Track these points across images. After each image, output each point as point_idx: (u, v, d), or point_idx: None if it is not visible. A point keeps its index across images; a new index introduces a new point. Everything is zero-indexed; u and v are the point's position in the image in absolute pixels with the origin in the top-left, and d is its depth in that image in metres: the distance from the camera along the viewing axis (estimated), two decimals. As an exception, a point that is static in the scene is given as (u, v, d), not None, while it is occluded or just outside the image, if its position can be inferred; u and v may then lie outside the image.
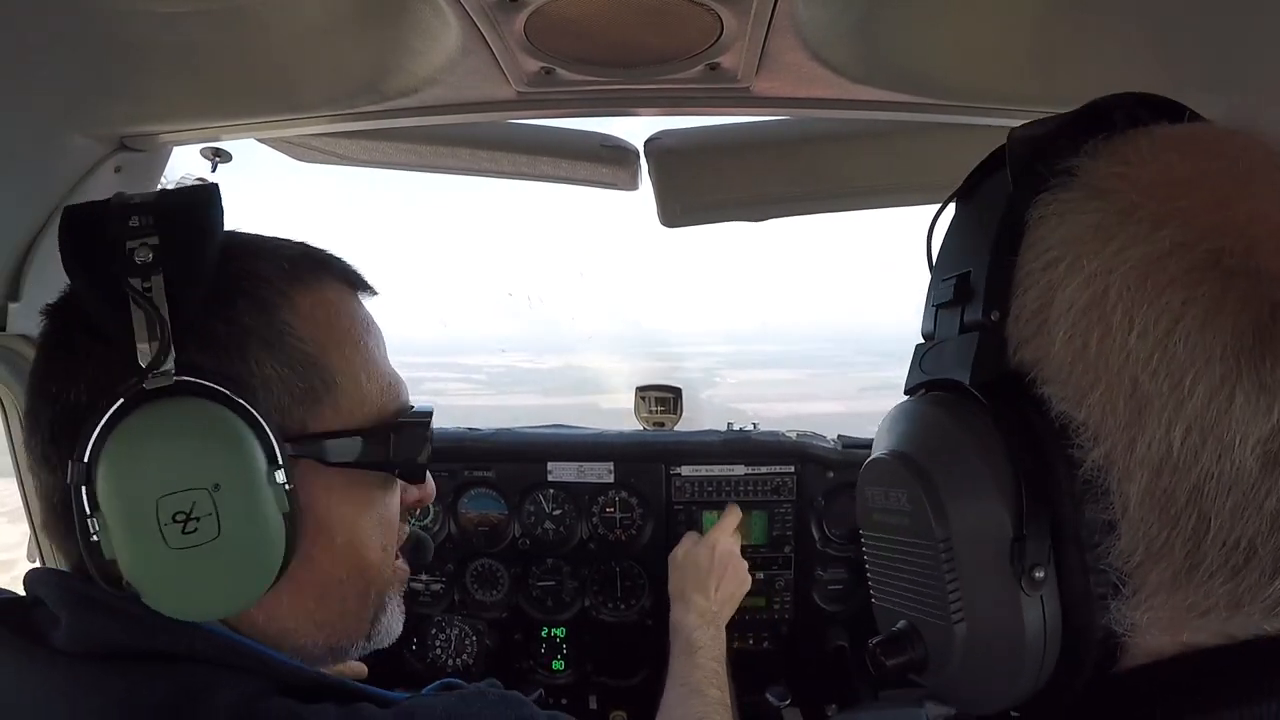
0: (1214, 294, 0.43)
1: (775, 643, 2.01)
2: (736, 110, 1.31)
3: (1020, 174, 0.53)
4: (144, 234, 0.63)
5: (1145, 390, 0.44)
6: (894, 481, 0.56)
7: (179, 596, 0.62)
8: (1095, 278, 0.46)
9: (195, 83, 1.15)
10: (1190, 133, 0.52)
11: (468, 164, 1.63)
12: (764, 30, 1.00)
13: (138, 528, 0.60)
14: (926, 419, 0.56)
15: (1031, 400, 0.49)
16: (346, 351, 0.72)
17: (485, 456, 2.01)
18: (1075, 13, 0.97)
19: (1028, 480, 0.48)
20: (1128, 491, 0.45)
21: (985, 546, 0.49)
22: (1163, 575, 0.45)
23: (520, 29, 0.99)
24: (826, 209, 1.80)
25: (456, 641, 2.01)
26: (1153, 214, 0.46)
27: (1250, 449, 0.41)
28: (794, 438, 2.00)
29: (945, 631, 0.53)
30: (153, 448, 0.61)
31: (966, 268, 0.56)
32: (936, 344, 0.58)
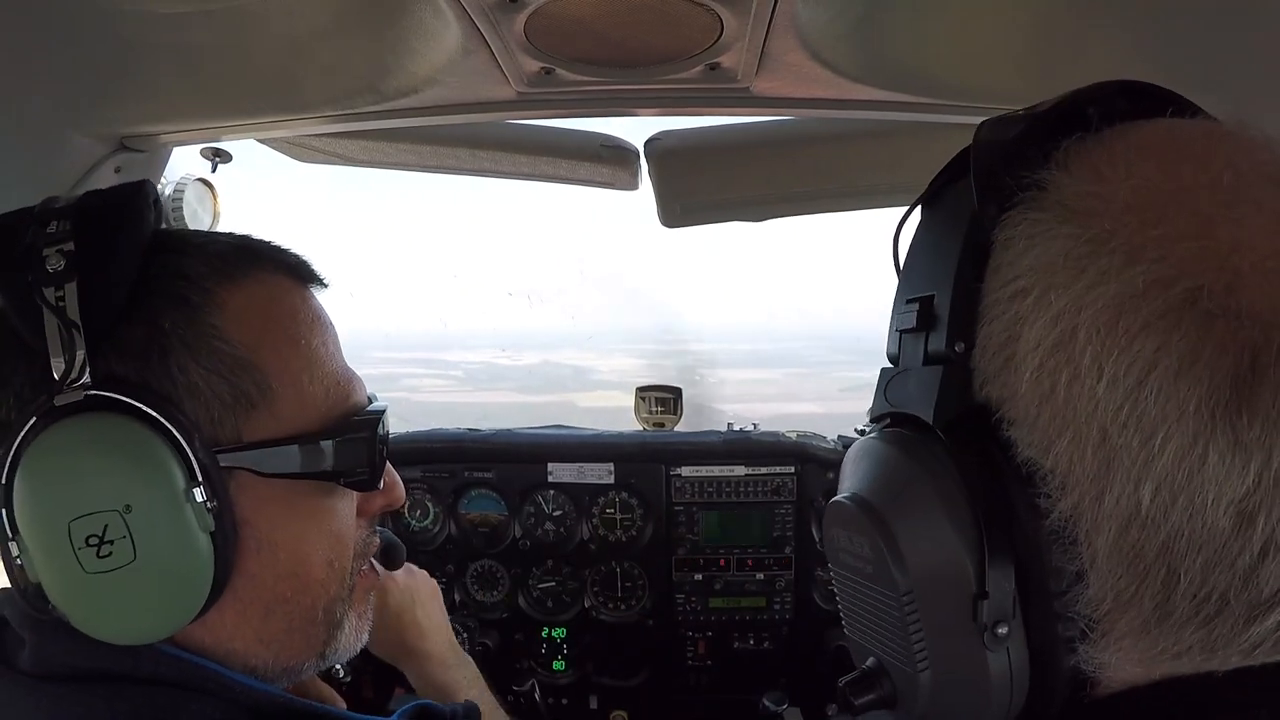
0: (1190, 341, 0.39)
1: (775, 643, 2.01)
2: (736, 110, 1.31)
3: (985, 187, 0.48)
4: (60, 239, 0.60)
5: (1114, 443, 0.41)
6: (856, 528, 0.53)
7: (104, 620, 0.60)
8: (1064, 315, 0.43)
9: (195, 83, 1.15)
10: (1170, 137, 0.47)
11: (468, 164, 1.63)
12: (764, 30, 1.00)
13: (53, 552, 0.58)
14: (888, 461, 0.53)
15: (998, 443, 0.46)
16: (284, 352, 0.67)
17: (485, 457, 2.01)
18: (1075, 12, 0.97)
19: (989, 532, 0.45)
20: (1096, 543, 0.43)
21: (948, 598, 0.47)
22: (1132, 622, 0.44)
23: (520, 29, 0.99)
24: (827, 209, 1.80)
25: None
26: (1127, 244, 0.42)
27: (1223, 509, 0.39)
28: (794, 438, 2.00)
29: (911, 677, 0.51)
30: (60, 468, 0.58)
31: (930, 290, 0.52)
32: (901, 373, 0.55)
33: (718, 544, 1.98)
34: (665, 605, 2.00)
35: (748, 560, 1.97)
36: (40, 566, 0.59)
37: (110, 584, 0.58)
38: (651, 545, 1.99)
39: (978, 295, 0.48)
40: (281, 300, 0.69)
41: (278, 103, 1.25)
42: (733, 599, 1.99)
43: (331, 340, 0.72)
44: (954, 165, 0.54)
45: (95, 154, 1.24)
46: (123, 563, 0.58)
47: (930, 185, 0.56)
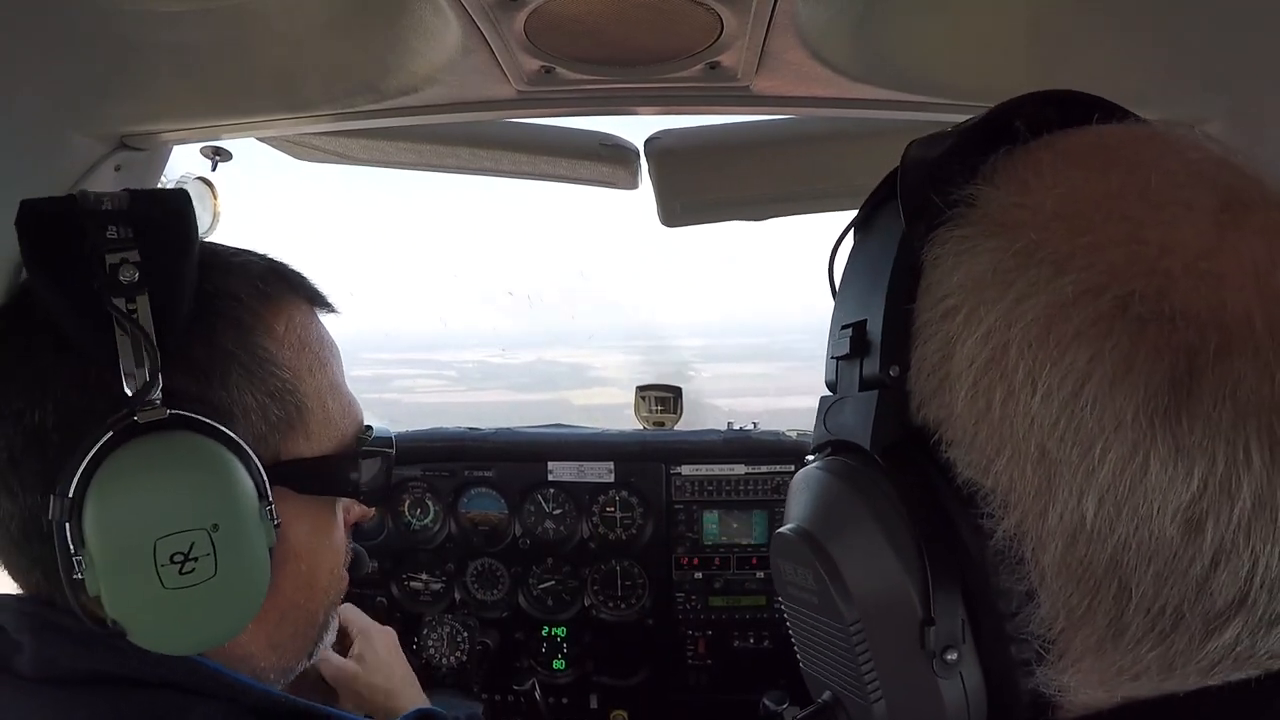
0: (1123, 349, 0.38)
1: (776, 642, 2.01)
2: (737, 109, 1.31)
3: (912, 205, 0.48)
4: (123, 247, 0.60)
5: (1053, 458, 0.40)
6: (799, 560, 0.52)
7: (167, 633, 0.60)
8: (994, 331, 0.42)
9: (195, 82, 1.15)
10: (1100, 142, 0.46)
11: (468, 163, 1.63)
12: (764, 29, 1.00)
13: (132, 569, 0.58)
14: (827, 490, 0.52)
15: (937, 465, 0.45)
16: (315, 375, 0.70)
17: (485, 456, 2.01)
18: (1075, 11, 0.97)
19: (932, 555, 0.44)
20: (1043, 560, 0.42)
21: (896, 626, 0.46)
22: (1087, 641, 0.43)
23: (520, 28, 0.99)
24: (827, 208, 1.80)
25: (449, 640, 2.01)
26: (1054, 253, 0.41)
27: (1170, 518, 0.38)
28: (794, 437, 2.00)
29: (865, 710, 0.50)
30: (150, 487, 0.58)
31: (863, 315, 0.51)
32: (838, 400, 0.54)
33: (718, 543, 1.98)
34: (665, 604, 2.00)
35: (748, 559, 1.97)
36: (108, 580, 0.57)
37: (184, 599, 0.59)
38: (651, 544, 1.99)
39: (910, 317, 0.47)
40: (309, 325, 0.72)
41: (278, 101, 1.25)
42: (733, 598, 1.99)
43: (341, 363, 0.76)
44: (883, 187, 0.53)
45: (95, 153, 1.24)
46: (203, 579, 0.59)
47: (861, 209, 0.56)
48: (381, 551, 2.03)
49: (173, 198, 0.66)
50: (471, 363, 12.04)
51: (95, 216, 0.61)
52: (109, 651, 0.60)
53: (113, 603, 0.58)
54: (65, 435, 0.58)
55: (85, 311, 0.59)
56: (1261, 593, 0.38)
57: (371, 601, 2.04)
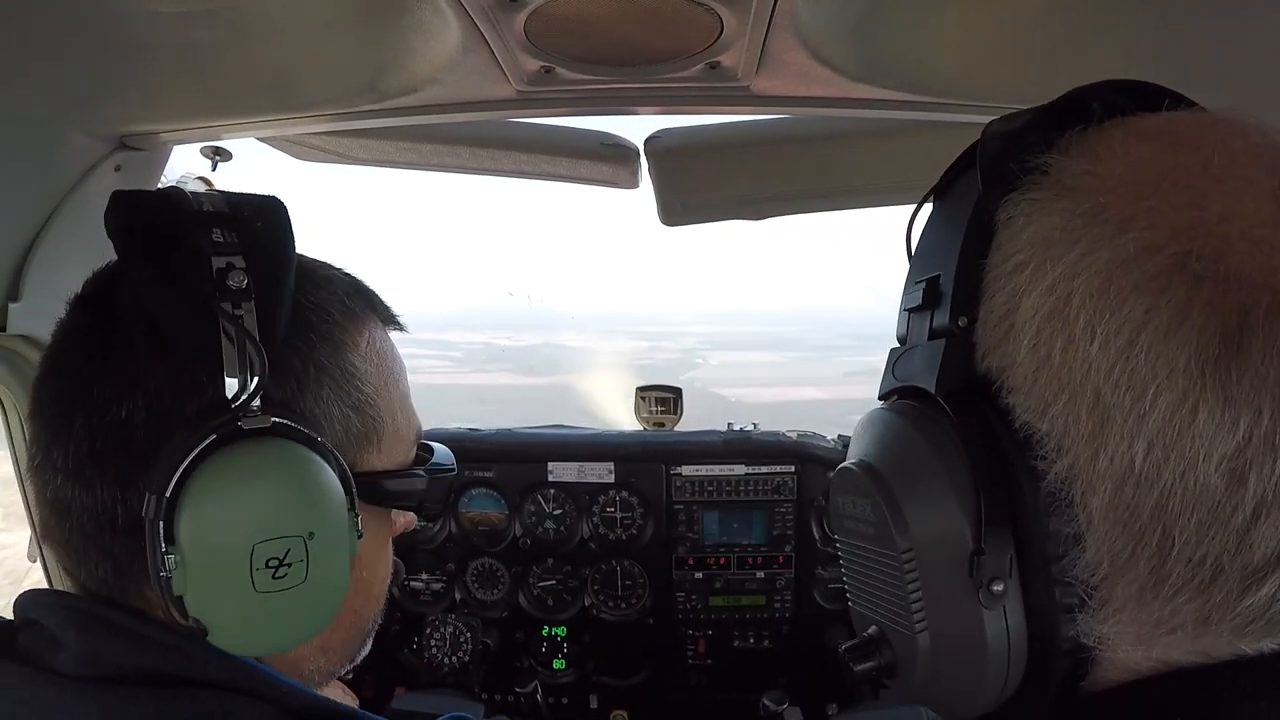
0: (1179, 301, 0.41)
1: (776, 641, 2.01)
2: (737, 109, 1.31)
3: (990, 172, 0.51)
4: (229, 251, 0.60)
5: (1107, 403, 0.42)
6: (859, 491, 0.55)
7: (247, 636, 0.61)
8: (1058, 283, 0.44)
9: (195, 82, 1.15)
10: (1168, 124, 0.49)
11: (468, 163, 1.63)
12: (764, 29, 1.00)
13: (227, 571, 0.58)
14: (892, 428, 0.55)
15: (997, 410, 0.47)
16: (391, 392, 0.72)
17: (486, 456, 2.02)
18: (1075, 12, 0.97)
19: (987, 492, 0.47)
20: (1091, 505, 0.44)
21: (946, 558, 0.49)
22: (1129, 589, 0.44)
23: (520, 28, 0.99)
24: (826, 207, 1.80)
25: (451, 640, 2.01)
26: (1119, 214, 0.44)
27: (1215, 465, 0.40)
28: (794, 437, 2.00)
29: (910, 640, 0.52)
30: (254, 492, 0.59)
31: (936, 271, 0.54)
32: (908, 349, 0.57)
33: (718, 543, 1.98)
34: (665, 604, 2.00)
35: (748, 559, 1.97)
36: (200, 579, 0.58)
37: (271, 603, 0.60)
38: (652, 544, 1.99)
39: (980, 272, 0.50)
40: (385, 342, 0.74)
41: (278, 101, 1.25)
42: (733, 598, 1.99)
43: (408, 381, 0.78)
44: (963, 158, 0.56)
45: (96, 153, 1.24)
46: (294, 584, 0.60)
47: (941, 178, 0.59)
48: (382, 551, 2.03)
49: (271, 205, 0.67)
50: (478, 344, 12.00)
51: (199, 217, 0.62)
52: (153, 649, 0.60)
53: (200, 602, 0.58)
54: (152, 433, 0.59)
55: (191, 313, 0.59)
56: None
57: (372, 601, 2.04)
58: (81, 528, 0.61)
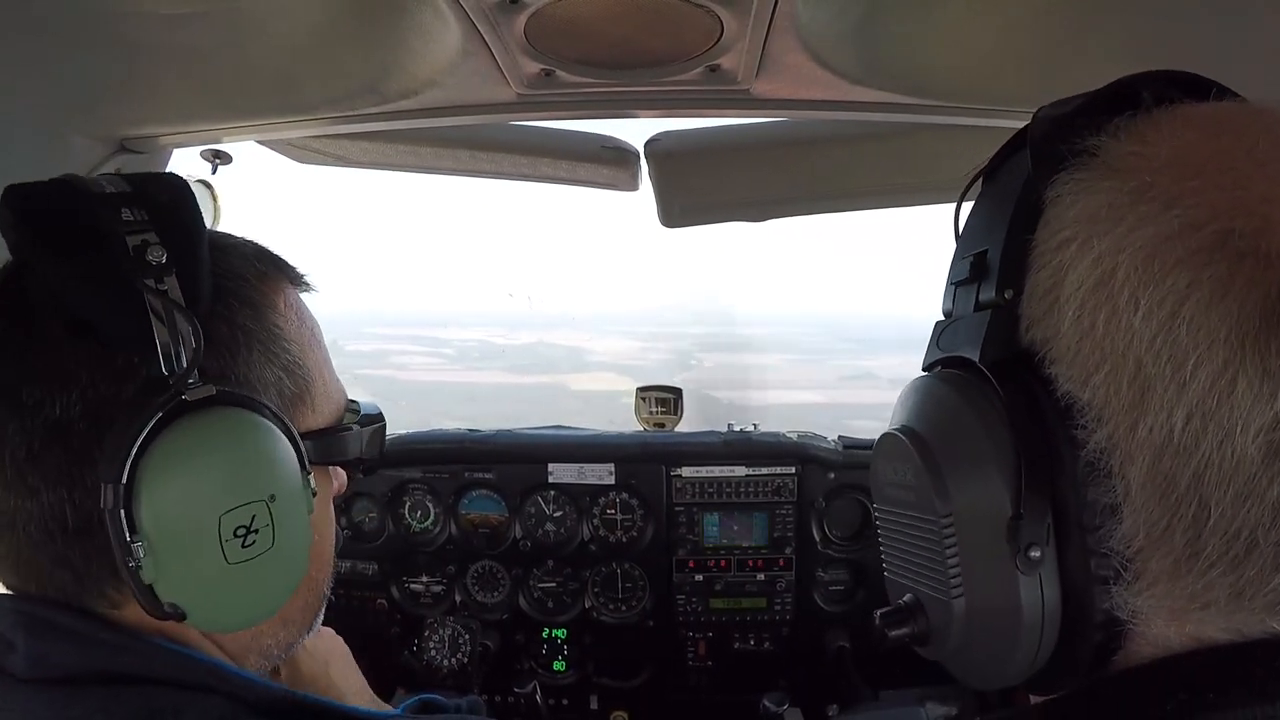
0: (1220, 276, 0.42)
1: (776, 643, 2.01)
2: (737, 112, 1.31)
3: (1040, 153, 0.52)
4: (140, 229, 0.59)
5: (1148, 373, 0.43)
6: (901, 456, 0.56)
7: (227, 610, 0.61)
8: (1104, 257, 0.45)
9: (195, 84, 1.15)
10: (1215, 111, 0.51)
11: (468, 165, 1.63)
12: (764, 32, 1.00)
13: (198, 547, 0.58)
14: (935, 395, 0.56)
15: (1039, 380, 0.48)
16: (315, 351, 0.71)
17: (486, 458, 2.01)
18: (1075, 14, 0.97)
19: (1028, 459, 0.48)
20: (1129, 475, 0.45)
21: (985, 524, 0.49)
22: (1163, 563, 0.45)
23: (520, 31, 0.99)
24: (826, 209, 1.80)
25: (450, 642, 2.01)
26: (1165, 193, 0.45)
27: (1252, 437, 0.40)
28: (795, 439, 2.00)
29: (945, 606, 0.53)
30: (211, 463, 0.58)
31: (984, 246, 0.55)
32: (953, 321, 0.58)
33: (718, 545, 1.98)
34: (666, 606, 2.00)
35: (748, 561, 1.97)
36: (171, 562, 0.57)
37: (243, 573, 0.60)
38: (652, 546, 1.99)
39: (1027, 247, 0.51)
40: (300, 303, 0.73)
41: (278, 104, 1.25)
42: (733, 600, 1.99)
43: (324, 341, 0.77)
44: (1014, 140, 0.57)
45: (95, 155, 1.24)
46: (262, 550, 0.60)
47: (991, 159, 0.60)
48: (382, 554, 2.03)
49: (171, 180, 0.66)
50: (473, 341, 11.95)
51: (104, 199, 0.60)
52: (102, 649, 0.59)
53: (173, 586, 0.58)
54: (92, 425, 0.57)
55: (115, 295, 0.57)
56: None
57: (372, 604, 2.04)
58: (29, 538, 0.59)
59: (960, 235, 0.61)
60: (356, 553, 2.03)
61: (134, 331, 0.57)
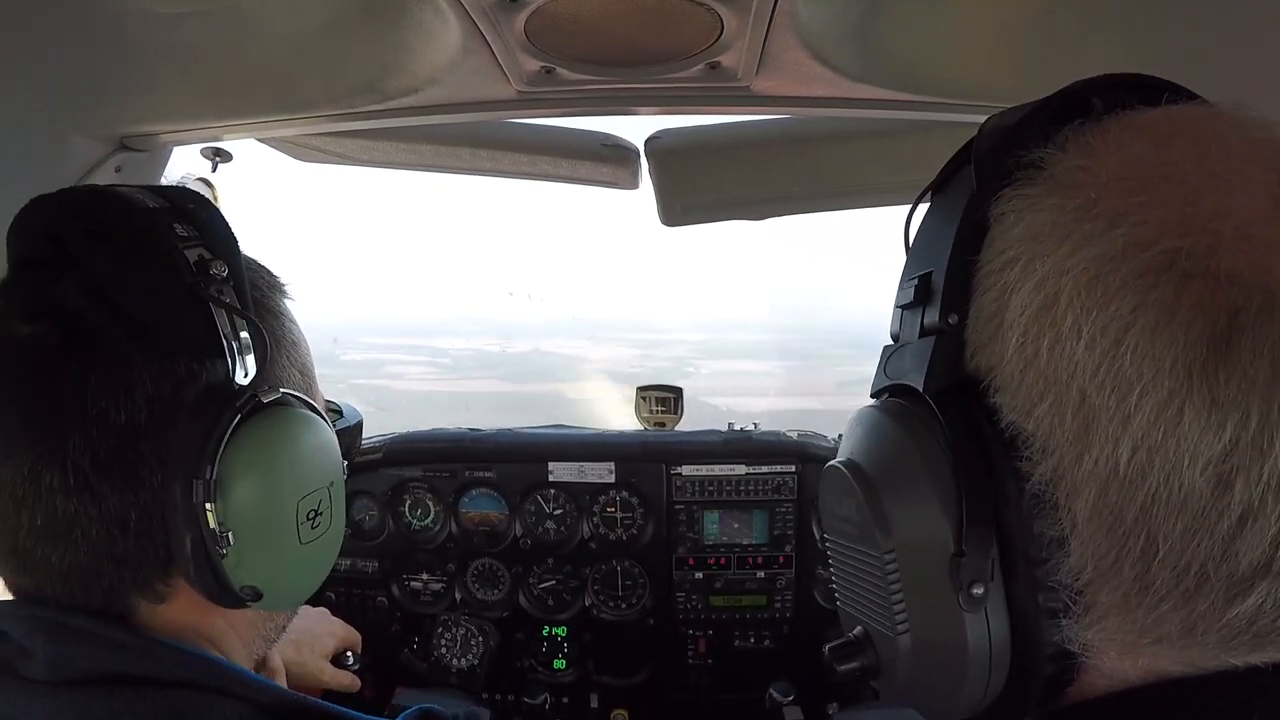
0: (1166, 300, 0.39)
1: (776, 641, 2.01)
2: (737, 109, 1.31)
3: (984, 168, 0.50)
4: (195, 243, 0.63)
5: (1092, 404, 0.41)
6: (844, 490, 0.55)
7: (294, 588, 0.69)
8: (1047, 281, 0.43)
9: (195, 83, 1.15)
10: (1166, 117, 0.47)
11: (468, 163, 1.63)
12: (764, 29, 1.00)
13: (279, 531, 0.64)
14: (878, 426, 0.54)
15: (984, 409, 0.46)
16: (309, 357, 0.77)
17: (486, 457, 2.02)
18: (1074, 11, 0.97)
19: (969, 494, 0.46)
20: (1075, 507, 0.43)
21: (928, 560, 0.48)
22: (1113, 596, 0.43)
23: (520, 29, 0.99)
24: (826, 207, 1.80)
25: (462, 641, 2.01)
26: (1109, 210, 0.42)
27: (1200, 469, 0.38)
28: (795, 437, 2.00)
29: (892, 642, 0.52)
30: (292, 454, 0.65)
31: (929, 267, 0.53)
32: (900, 347, 0.56)
33: (718, 543, 1.98)
34: (666, 604, 2.00)
35: (748, 559, 1.97)
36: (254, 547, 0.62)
37: (308, 552, 0.67)
38: (652, 544, 1.99)
39: (971, 268, 0.49)
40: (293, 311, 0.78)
41: (278, 102, 1.25)
42: (733, 597, 1.99)
43: None
44: (960, 153, 0.56)
45: (96, 154, 1.24)
46: (323, 531, 0.68)
47: (939, 174, 0.58)
48: (382, 552, 2.03)
49: (201, 197, 0.69)
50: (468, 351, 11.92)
51: (159, 214, 0.63)
52: (123, 651, 0.60)
53: (253, 569, 0.63)
54: (157, 429, 0.60)
55: (182, 305, 0.61)
56: None
57: (372, 602, 2.04)
58: (89, 542, 0.60)
59: (908, 256, 0.58)
60: (357, 550, 2.03)
61: (199, 339, 0.61)
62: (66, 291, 0.61)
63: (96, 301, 0.60)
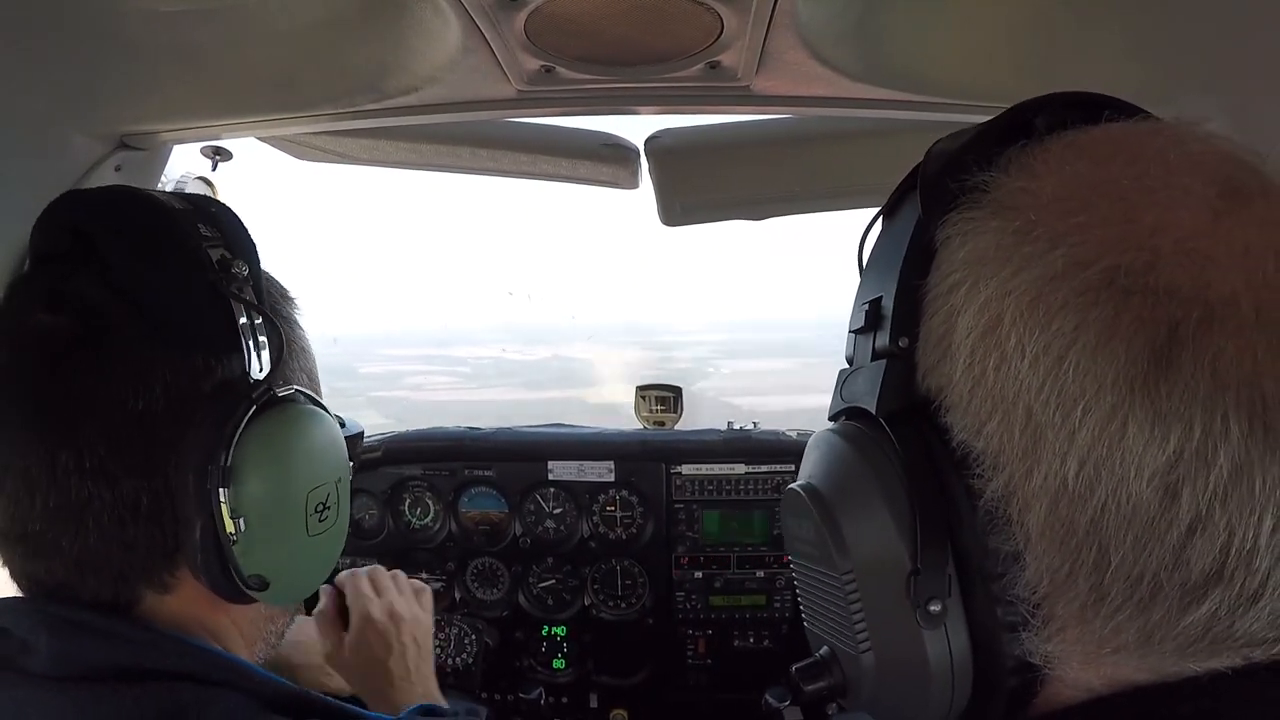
0: (1107, 317, 0.40)
1: (776, 641, 2.01)
2: (737, 109, 1.31)
3: (930, 191, 0.51)
4: (217, 243, 0.65)
5: (1039, 420, 0.42)
6: (802, 513, 0.55)
7: (300, 579, 0.70)
8: (991, 302, 0.44)
9: (195, 81, 1.15)
10: (1106, 136, 0.48)
11: (468, 163, 1.63)
12: (764, 29, 1.00)
13: (288, 522, 0.65)
14: (833, 449, 0.55)
15: (935, 429, 0.48)
16: (314, 364, 0.79)
17: (486, 455, 2.02)
18: (1074, 12, 0.97)
19: (923, 512, 0.47)
20: (1028, 522, 0.44)
21: (886, 579, 0.49)
22: (1070, 608, 0.44)
23: (520, 28, 0.99)
24: (826, 208, 1.80)
25: (456, 641, 2.01)
26: (1049, 231, 0.43)
27: (1147, 481, 0.39)
28: (794, 436, 2.00)
29: (855, 660, 0.53)
30: (303, 447, 0.67)
31: (879, 292, 0.54)
32: (854, 370, 0.57)
33: (718, 542, 1.98)
34: (665, 603, 2.01)
35: (748, 558, 1.98)
36: (264, 536, 0.63)
37: (315, 545, 0.69)
38: (652, 543, 1.99)
39: (920, 292, 0.50)
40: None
41: (278, 101, 1.25)
42: (733, 597, 1.99)
43: None
44: (909, 178, 0.56)
45: (95, 152, 1.24)
46: (329, 525, 0.70)
47: (889, 198, 0.59)
48: (381, 550, 2.03)
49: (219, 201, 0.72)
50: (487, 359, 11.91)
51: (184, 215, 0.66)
52: (128, 645, 0.61)
53: (261, 558, 0.64)
54: (173, 418, 0.61)
55: (205, 303, 0.64)
56: (1239, 567, 0.39)
57: (372, 601, 2.04)
58: (99, 528, 0.61)
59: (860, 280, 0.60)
60: (356, 549, 2.03)
61: (218, 334, 0.64)
62: (90, 284, 0.63)
63: (120, 294, 0.62)
